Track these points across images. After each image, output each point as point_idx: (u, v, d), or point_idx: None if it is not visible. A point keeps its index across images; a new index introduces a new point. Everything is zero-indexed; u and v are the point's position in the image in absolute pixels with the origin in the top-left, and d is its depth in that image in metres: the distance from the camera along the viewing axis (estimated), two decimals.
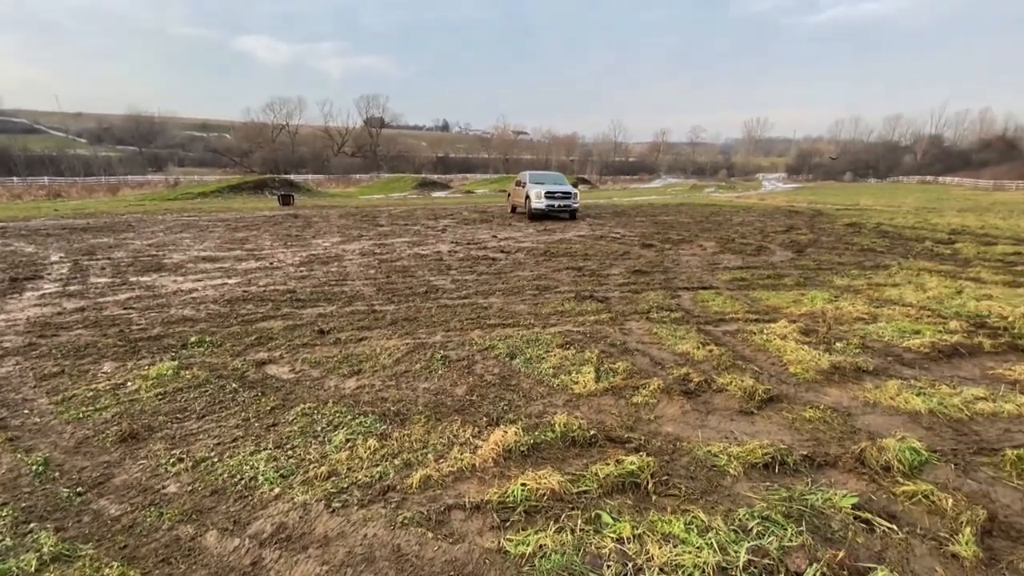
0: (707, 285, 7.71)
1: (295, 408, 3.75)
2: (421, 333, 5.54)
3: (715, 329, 5.58)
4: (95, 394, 4.03)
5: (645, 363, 4.58)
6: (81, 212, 20.84)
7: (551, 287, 7.70)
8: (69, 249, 11.11)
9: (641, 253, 10.89)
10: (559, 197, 17.42)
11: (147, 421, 3.60)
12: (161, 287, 7.67)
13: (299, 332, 5.55)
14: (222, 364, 4.66)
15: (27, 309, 6.49)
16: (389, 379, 4.32)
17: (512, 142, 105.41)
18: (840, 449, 3.19)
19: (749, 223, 17.06)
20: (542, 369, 4.43)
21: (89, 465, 3.08)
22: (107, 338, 5.35)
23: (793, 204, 26.89)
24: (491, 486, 2.76)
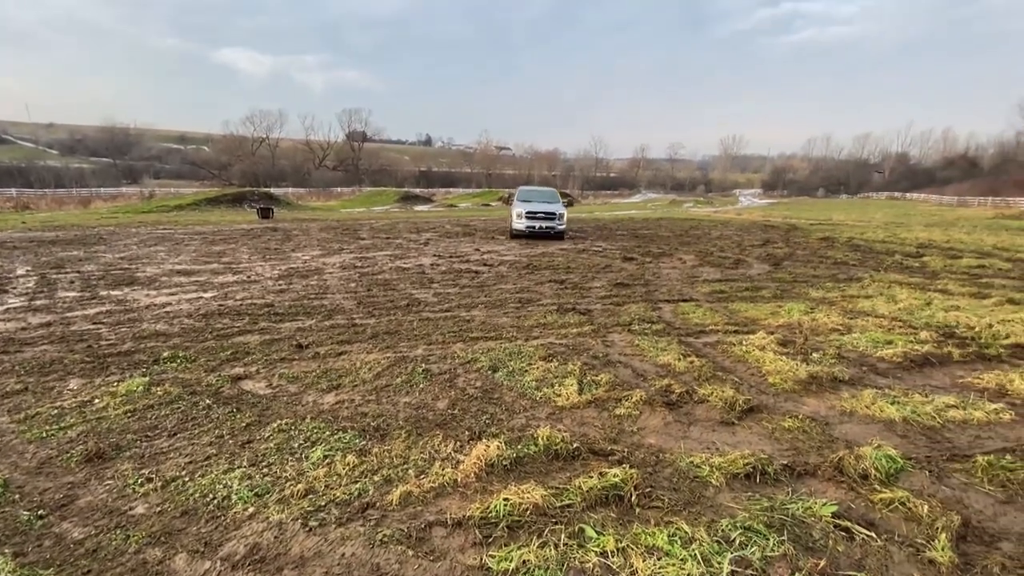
0: (687, 297, 7.81)
1: (271, 424, 3.65)
2: (402, 347, 5.48)
3: (696, 341, 5.64)
4: (60, 412, 3.87)
5: (627, 375, 4.59)
6: (50, 225, 20.22)
7: (534, 300, 7.71)
8: (36, 262, 10.75)
9: (623, 266, 11.00)
10: (541, 217, 15.90)
11: (115, 440, 3.46)
12: (133, 301, 7.45)
13: (276, 347, 5.43)
14: (196, 380, 4.53)
15: None
16: (369, 394, 4.24)
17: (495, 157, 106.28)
18: (819, 458, 3.23)
19: (727, 237, 17.40)
20: (525, 382, 4.41)
21: (52, 486, 2.94)
22: (74, 354, 5.16)
23: (769, 219, 27.55)
24: (473, 501, 2.71)
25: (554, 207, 16.35)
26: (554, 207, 16.35)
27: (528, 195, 18.23)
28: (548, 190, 19.27)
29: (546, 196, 18.05)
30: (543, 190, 19.55)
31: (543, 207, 16.28)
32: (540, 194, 18.47)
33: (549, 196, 18.07)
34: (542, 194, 18.45)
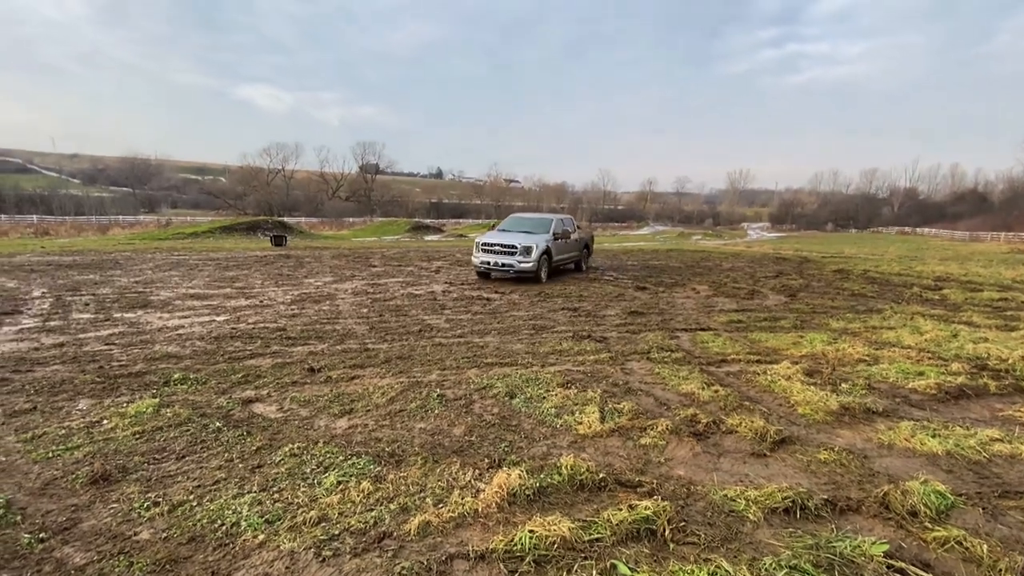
0: (705, 327, 7.65)
1: (283, 448, 3.51)
2: (416, 372, 5.36)
3: (718, 370, 5.47)
4: (67, 432, 3.77)
5: (650, 403, 4.42)
6: (68, 249, 20.56)
7: (547, 327, 7.59)
8: (52, 285, 10.84)
9: (636, 295, 10.88)
10: (498, 251, 12.03)
11: (122, 461, 3.34)
12: (146, 323, 7.43)
13: (288, 370, 5.34)
14: (206, 402, 4.42)
15: (3, 344, 6.20)
16: (383, 419, 4.11)
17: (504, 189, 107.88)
18: (861, 493, 3.03)
19: (739, 269, 17.27)
20: (543, 409, 4.26)
21: (55, 508, 2.81)
22: (85, 374, 5.09)
23: (780, 251, 27.42)
24: (496, 533, 2.54)
25: (527, 239, 12.12)
26: (527, 239, 12.12)
27: (514, 224, 13.84)
28: (546, 218, 13.87)
29: (536, 226, 13.35)
30: (538, 218, 14.14)
31: (507, 238, 12.22)
32: (531, 223, 13.67)
33: (538, 226, 13.32)
34: (534, 223, 13.63)
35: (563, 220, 14.03)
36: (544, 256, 12.14)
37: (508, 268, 11.89)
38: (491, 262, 12.08)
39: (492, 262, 12.05)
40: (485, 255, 12.31)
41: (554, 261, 12.75)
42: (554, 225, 13.20)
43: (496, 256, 12.09)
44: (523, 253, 11.80)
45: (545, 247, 12.18)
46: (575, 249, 14.27)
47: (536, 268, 11.82)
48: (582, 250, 14.88)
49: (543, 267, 12.17)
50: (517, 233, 12.83)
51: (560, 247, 13.12)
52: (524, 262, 11.74)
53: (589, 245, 15.78)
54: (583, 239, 14.97)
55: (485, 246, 12.42)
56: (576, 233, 14.42)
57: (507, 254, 11.96)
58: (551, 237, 12.65)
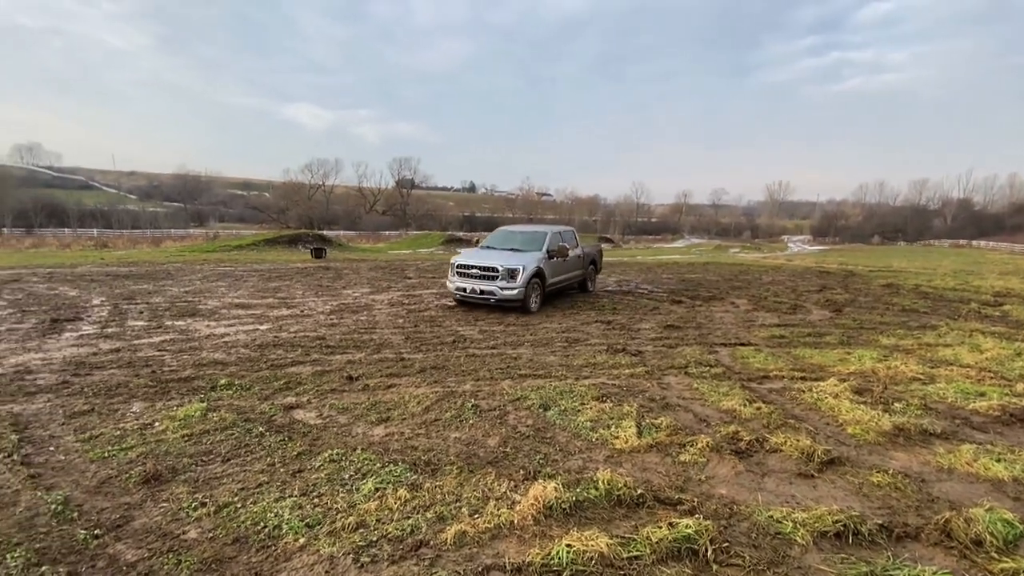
0: (745, 342, 7.42)
1: (322, 454, 3.59)
2: (450, 382, 5.39)
3: (760, 386, 5.28)
4: (122, 433, 3.96)
5: (689, 419, 4.30)
6: (124, 261, 21.79)
7: (581, 340, 7.52)
8: (110, 294, 11.49)
9: (671, 309, 10.67)
10: (476, 276, 9.75)
11: (171, 463, 3.48)
12: (195, 331, 7.76)
13: (327, 378, 5.46)
14: (250, 407, 4.57)
15: (64, 348, 6.60)
16: (418, 427, 4.15)
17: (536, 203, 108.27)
18: (920, 519, 2.85)
19: (780, 282, 16.73)
20: (578, 422, 4.20)
21: (109, 506, 2.95)
22: (139, 378, 5.35)
23: (823, 265, 26.41)
24: (532, 546, 2.51)
25: (512, 259, 9.77)
26: (512, 259, 9.77)
27: (502, 240, 11.39)
28: (539, 232, 11.35)
29: (527, 241, 10.88)
30: (531, 232, 11.51)
31: (488, 258, 9.90)
32: (521, 239, 11.11)
33: (529, 241, 10.85)
34: (524, 239, 11.06)
35: (561, 234, 11.63)
36: (534, 280, 9.76)
37: (488, 296, 9.52)
38: (467, 288, 9.75)
39: (468, 288, 9.73)
40: (461, 279, 9.97)
41: (549, 284, 10.38)
42: (548, 240, 10.70)
43: (473, 281, 9.74)
44: (506, 277, 9.43)
45: (535, 268, 9.76)
46: (577, 267, 11.95)
47: (523, 295, 9.43)
48: (587, 268, 12.61)
49: (533, 293, 9.78)
50: (502, 252, 10.41)
51: (556, 267, 10.73)
52: (508, 288, 9.36)
53: (597, 262, 13.47)
54: (589, 254, 12.80)
55: (461, 269, 10.05)
56: (578, 248, 12.10)
57: (486, 278, 9.60)
58: (544, 255, 10.24)
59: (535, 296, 9.93)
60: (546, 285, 10.31)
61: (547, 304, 10.90)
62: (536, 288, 9.93)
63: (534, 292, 9.87)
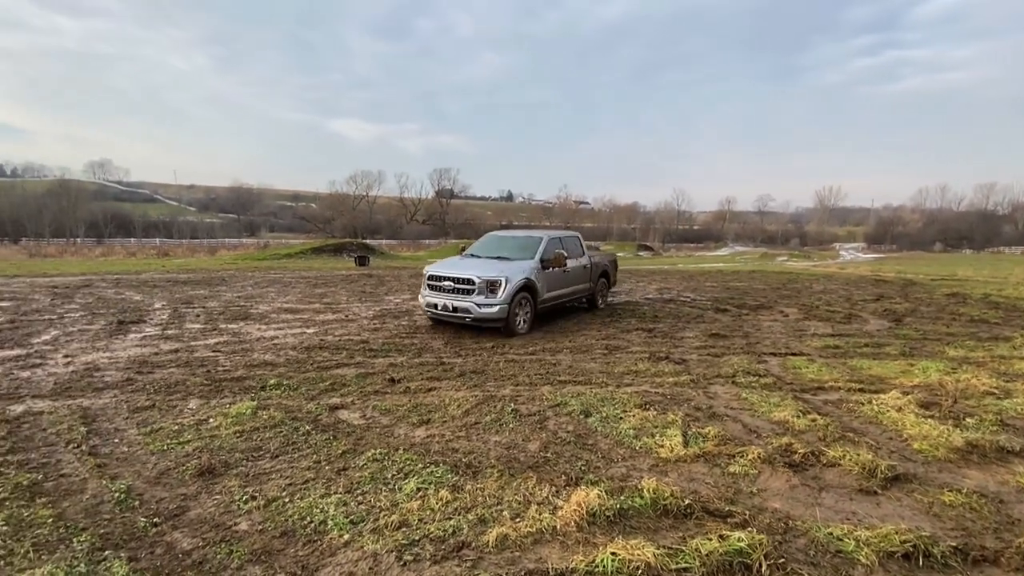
0: (796, 351, 7.08)
1: (365, 453, 3.64)
2: (489, 386, 5.39)
3: (814, 398, 5.02)
4: (180, 428, 4.16)
5: (738, 429, 4.13)
6: (183, 268, 23.08)
7: (621, 347, 7.38)
8: (170, 298, 12.17)
9: (716, 317, 10.34)
10: (449, 290, 8.20)
11: (224, 457, 3.62)
12: (246, 334, 8.10)
13: (370, 380, 5.57)
14: (297, 407, 4.71)
15: (129, 348, 7.01)
16: (459, 430, 4.15)
17: (574, 211, 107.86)
18: (999, 542, 2.62)
19: (832, 291, 15.95)
20: (621, 429, 4.10)
21: (167, 496, 3.08)
22: (195, 377, 5.62)
23: (879, 273, 25.02)
24: (576, 553, 2.45)
25: (494, 269, 8.17)
26: (494, 269, 8.17)
27: (489, 247, 9.78)
28: (533, 237, 9.55)
29: (517, 248, 9.31)
30: (523, 238, 9.72)
31: (464, 268, 8.32)
32: (512, 245, 9.52)
33: (520, 248, 9.27)
34: (515, 245, 9.45)
35: (561, 239, 9.88)
36: (522, 295, 8.13)
37: (463, 315, 7.91)
38: (438, 304, 8.18)
39: (440, 304, 8.15)
40: (431, 294, 8.43)
41: (543, 300, 8.69)
42: (544, 247, 9.06)
43: (445, 296, 8.16)
44: (485, 291, 7.81)
45: (523, 281, 8.09)
46: (581, 280, 10.12)
47: (505, 314, 7.79)
48: (596, 281, 10.80)
49: (520, 311, 8.20)
50: (486, 261, 8.84)
51: (553, 279, 8.99)
52: (487, 305, 7.75)
53: (609, 273, 11.59)
54: (599, 265, 10.93)
55: (432, 281, 8.48)
56: (584, 258, 10.33)
57: (461, 292, 8.01)
58: (537, 264, 8.61)
59: (523, 315, 8.32)
60: (539, 301, 8.57)
61: (585, 312, 10.75)
62: (525, 305, 8.31)
63: (522, 310, 8.27)
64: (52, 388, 5.16)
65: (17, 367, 5.94)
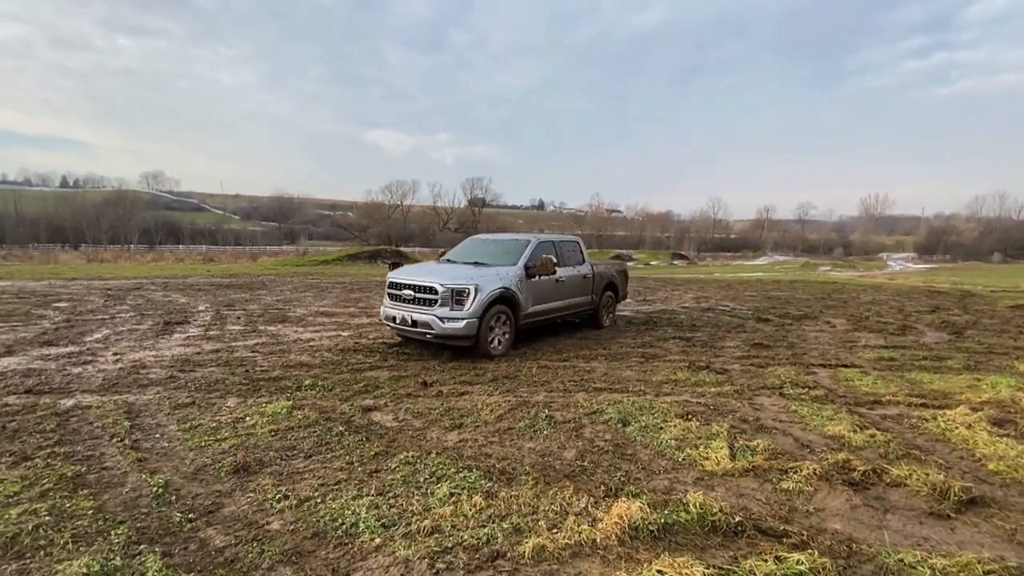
0: (847, 363, 6.68)
1: (398, 456, 3.58)
2: (523, 391, 5.27)
3: (870, 412, 4.68)
4: (217, 425, 4.20)
5: (788, 443, 3.87)
6: (227, 273, 23.96)
7: (658, 355, 7.14)
8: (213, 301, 12.58)
9: (757, 327, 9.92)
10: (408, 299, 6.92)
11: (259, 456, 3.62)
12: (284, 335, 8.25)
13: (403, 383, 5.54)
14: (331, 407, 4.71)
15: (174, 348, 7.23)
16: (492, 435, 4.05)
17: (606, 220, 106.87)
18: None
19: (882, 302, 15.14)
20: (662, 440, 3.91)
21: (203, 492, 3.09)
22: (234, 376, 5.72)
23: (932, 284, 23.65)
24: (618, 568, 2.30)
25: (464, 276, 6.84)
26: (464, 276, 6.84)
27: (469, 251, 8.46)
28: (519, 241, 8.16)
29: (499, 253, 7.96)
30: (508, 241, 8.40)
31: (429, 274, 7.09)
32: (494, 249, 8.21)
33: (503, 253, 7.92)
34: (497, 249, 8.15)
35: (555, 244, 8.41)
36: (498, 308, 6.77)
37: (423, 331, 6.61)
38: (396, 317, 6.92)
39: (399, 317, 6.87)
40: (391, 305, 7.18)
41: (527, 315, 7.30)
42: (530, 252, 7.61)
43: (405, 307, 6.88)
44: (450, 302, 6.48)
45: (499, 291, 6.74)
46: (580, 292, 8.61)
47: (474, 330, 6.47)
48: (600, 295, 9.16)
49: (497, 328, 6.86)
50: (460, 267, 7.52)
51: (541, 290, 7.59)
52: (451, 319, 6.41)
53: (616, 286, 9.77)
54: (603, 276, 9.27)
55: (392, 289, 7.22)
56: (584, 266, 8.82)
57: (422, 303, 6.69)
58: (519, 272, 7.22)
59: (500, 332, 6.96)
60: (520, 316, 7.18)
61: (619, 321, 10.49)
62: (502, 320, 6.95)
63: (499, 326, 6.91)
64: (100, 384, 5.34)
65: (70, 363, 6.20)
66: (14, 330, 8.30)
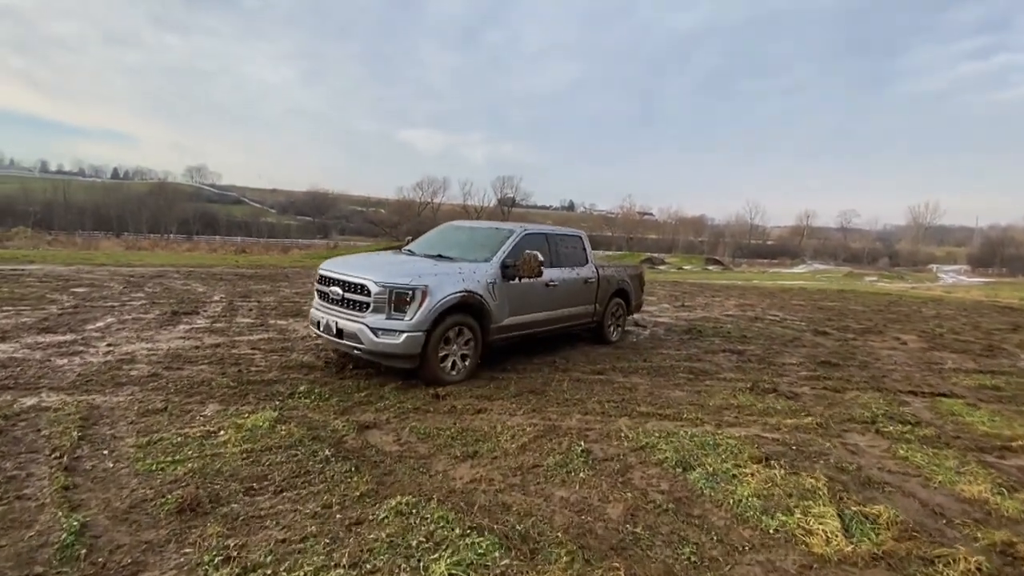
0: (944, 391, 5.55)
1: (390, 501, 2.76)
2: (551, 412, 4.39)
3: (1002, 462, 3.62)
4: (182, 441, 3.47)
5: (915, 510, 2.87)
6: (254, 264, 23.84)
7: (709, 372, 6.14)
8: (231, 292, 12.12)
9: (817, 341, 8.76)
10: (338, 300, 5.10)
11: (217, 488, 2.86)
12: (292, 331, 7.58)
13: (412, 394, 4.74)
14: (323, 422, 3.94)
15: (172, 340, 6.63)
16: (513, 473, 3.19)
17: (637, 222, 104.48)
18: None
19: (948, 317, 13.64)
20: (739, 496, 2.96)
21: (126, 544, 2.33)
22: (224, 377, 5.02)
23: (998, 299, 21.61)
24: None
25: (414, 271, 5.00)
26: (414, 271, 5.00)
27: (436, 242, 6.66)
28: (501, 231, 6.29)
29: (473, 244, 6.12)
30: (485, 230, 6.66)
31: (364, 267, 5.29)
32: (466, 240, 6.36)
33: (476, 244, 6.07)
34: (470, 240, 6.30)
35: (548, 237, 6.53)
36: (455, 318, 5.04)
37: (353, 344, 4.89)
38: (321, 323, 5.26)
39: (322, 323, 5.23)
40: (319, 305, 5.53)
41: (501, 328, 5.54)
42: (511, 246, 5.81)
43: (330, 311, 5.22)
44: (386, 308, 4.77)
45: (458, 295, 5.00)
46: (580, 301, 6.81)
47: (417, 348, 4.77)
48: (604, 303, 7.31)
49: (453, 344, 5.10)
50: (416, 259, 5.76)
51: (524, 296, 5.82)
52: (386, 331, 4.70)
53: (628, 293, 7.92)
54: (611, 280, 7.45)
55: (321, 284, 5.50)
56: (587, 268, 6.96)
57: (351, 306, 5.01)
58: (494, 272, 5.47)
59: (458, 351, 5.18)
60: (492, 329, 5.43)
61: (659, 328, 9.46)
62: (462, 335, 5.17)
63: (458, 342, 5.15)
64: (73, 381, 4.71)
65: (58, 353, 5.64)
66: (19, 314, 7.90)
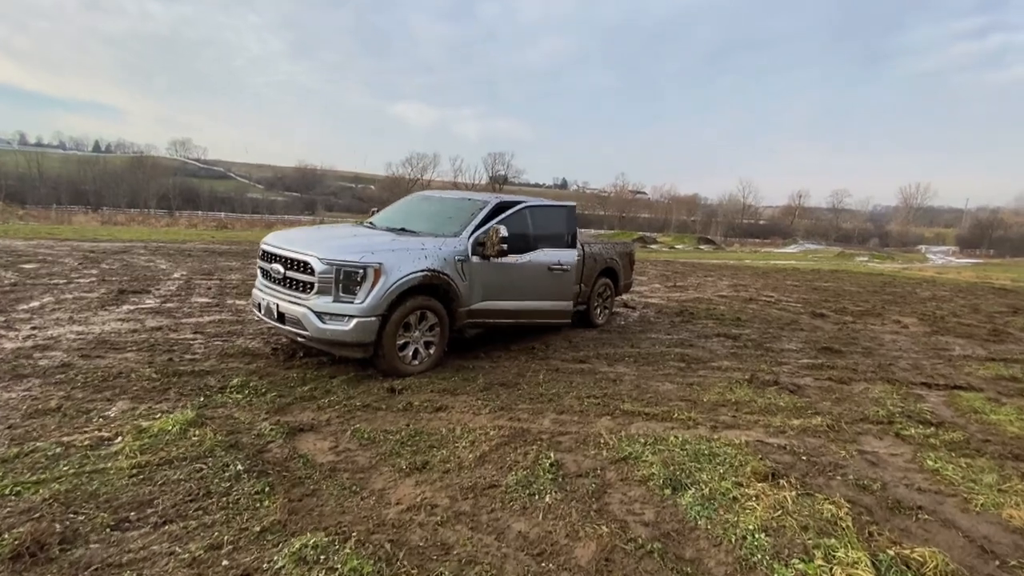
0: (960, 383, 5.02)
1: (296, 540, 2.14)
2: (522, 411, 3.80)
3: None
4: (63, 451, 2.83)
5: (960, 547, 2.31)
6: (231, 240, 22.87)
7: (702, 359, 5.58)
8: (194, 268, 11.34)
9: (814, 324, 8.24)
10: (280, 279, 4.45)
11: (81, 520, 2.23)
12: (249, 313, 6.90)
13: (364, 387, 4.12)
14: (247, 425, 3.31)
15: (109, 323, 5.93)
16: (464, 495, 2.59)
17: (630, 201, 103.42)
18: None
19: (944, 299, 13.26)
20: (742, 529, 2.37)
21: None
22: (149, 367, 4.35)
23: (989, 280, 21.35)
24: None
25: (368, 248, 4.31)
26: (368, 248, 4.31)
27: (406, 213, 5.90)
28: (474, 201, 5.46)
29: (441, 217, 5.32)
30: (455, 201, 5.73)
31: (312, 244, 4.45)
32: (434, 212, 5.63)
33: (445, 217, 5.28)
34: (439, 212, 5.55)
35: (531, 212, 5.63)
36: (418, 301, 4.46)
37: (295, 331, 4.30)
38: (262, 304, 4.65)
39: (263, 305, 4.62)
40: (261, 285, 4.90)
41: (472, 312, 4.95)
42: (480, 218, 5.09)
43: (271, 292, 4.60)
44: (332, 290, 4.14)
45: (419, 275, 4.37)
46: (562, 283, 5.89)
47: (370, 336, 4.17)
48: (591, 284, 6.71)
49: (414, 331, 4.53)
50: (374, 233, 5.12)
51: (498, 279, 5.18)
52: (333, 316, 4.11)
53: (616, 272, 7.31)
54: (598, 259, 6.83)
55: (263, 261, 4.86)
56: (574, 250, 6.07)
57: (293, 287, 4.38)
58: (463, 248, 4.81)
59: (420, 338, 4.60)
60: (460, 313, 4.83)
61: (649, 309, 8.88)
62: (425, 320, 4.59)
63: (420, 328, 4.57)
64: None
65: None
66: None
